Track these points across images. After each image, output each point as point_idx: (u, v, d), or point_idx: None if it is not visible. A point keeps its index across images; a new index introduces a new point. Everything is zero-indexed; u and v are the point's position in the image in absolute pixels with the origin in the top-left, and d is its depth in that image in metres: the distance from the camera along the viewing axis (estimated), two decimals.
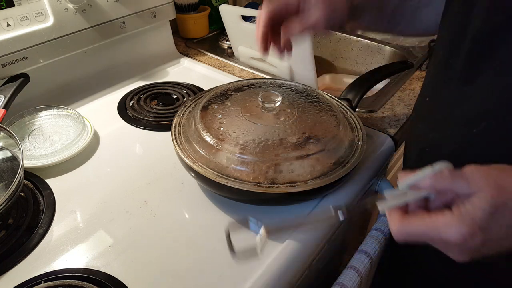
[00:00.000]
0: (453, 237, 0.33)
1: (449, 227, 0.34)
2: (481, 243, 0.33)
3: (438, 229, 0.34)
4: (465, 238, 0.33)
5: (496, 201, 0.33)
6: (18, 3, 0.70)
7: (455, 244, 0.34)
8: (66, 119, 0.73)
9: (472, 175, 0.35)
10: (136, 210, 0.57)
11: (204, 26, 1.12)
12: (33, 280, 0.47)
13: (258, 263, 0.50)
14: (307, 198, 0.58)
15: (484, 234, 0.33)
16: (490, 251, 0.34)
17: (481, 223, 0.33)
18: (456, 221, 0.33)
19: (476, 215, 0.33)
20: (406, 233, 0.36)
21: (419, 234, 0.35)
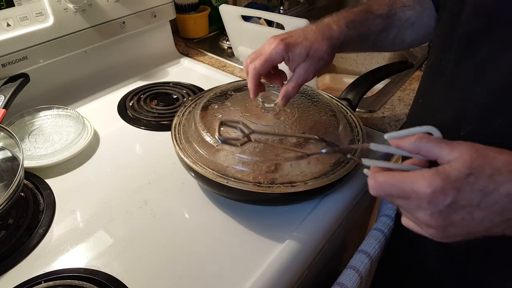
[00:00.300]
0: (424, 188, 0.33)
1: (422, 178, 0.33)
2: (452, 204, 0.33)
3: (411, 179, 0.34)
4: (436, 191, 0.32)
5: (473, 164, 0.32)
6: (18, 3, 0.70)
7: (426, 199, 0.33)
8: (66, 119, 0.73)
9: (458, 144, 0.34)
10: (136, 210, 0.57)
11: (204, 26, 1.12)
12: (33, 280, 0.47)
13: (258, 263, 0.50)
14: (307, 198, 0.58)
15: (456, 193, 0.32)
16: (461, 223, 0.34)
17: (455, 181, 0.32)
18: (430, 174, 0.33)
19: (452, 173, 0.33)
20: (380, 183, 0.35)
21: (393, 184, 0.35)
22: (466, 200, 0.33)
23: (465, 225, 0.34)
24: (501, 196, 0.32)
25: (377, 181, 0.36)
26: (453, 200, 0.32)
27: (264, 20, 1.03)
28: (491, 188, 0.32)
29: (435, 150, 0.35)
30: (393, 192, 0.35)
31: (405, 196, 0.34)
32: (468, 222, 0.33)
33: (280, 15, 0.85)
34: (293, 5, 1.32)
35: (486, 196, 0.32)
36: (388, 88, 0.89)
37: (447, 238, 0.35)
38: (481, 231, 0.34)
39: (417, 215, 0.35)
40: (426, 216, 0.34)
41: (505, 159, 0.33)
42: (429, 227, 0.35)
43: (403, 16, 0.60)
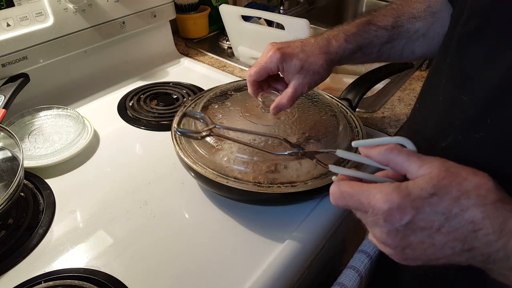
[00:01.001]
0: (380, 203, 0.30)
1: (379, 192, 0.31)
2: (409, 224, 0.30)
3: (369, 192, 0.31)
4: (392, 209, 0.30)
5: (440, 183, 0.30)
6: (18, 3, 0.70)
7: (382, 215, 0.30)
8: (66, 119, 0.73)
9: (430, 159, 0.32)
10: (136, 210, 0.57)
11: (204, 26, 1.12)
12: (33, 280, 0.47)
13: (258, 263, 0.50)
14: (307, 198, 0.58)
15: (414, 213, 0.30)
16: (419, 246, 0.31)
17: (415, 200, 0.30)
18: (389, 189, 0.31)
19: (413, 191, 0.30)
20: (339, 193, 0.33)
21: (352, 194, 0.32)
22: (425, 222, 0.30)
23: (424, 249, 0.31)
24: (464, 222, 0.29)
25: (338, 190, 0.34)
26: (410, 220, 0.30)
27: (264, 20, 1.03)
28: (455, 212, 0.29)
29: (404, 163, 0.33)
30: (351, 203, 0.33)
31: (363, 210, 0.32)
32: (427, 246, 0.31)
33: (280, 15, 0.85)
34: (293, 5, 1.32)
35: (449, 220, 0.29)
36: (388, 88, 0.89)
37: (407, 261, 0.33)
38: (442, 258, 0.32)
39: (374, 231, 0.33)
40: (383, 234, 0.32)
41: (477, 181, 0.30)
42: (386, 246, 0.32)
43: (412, 27, 0.57)
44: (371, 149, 0.34)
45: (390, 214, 0.30)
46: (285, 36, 0.83)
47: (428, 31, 0.58)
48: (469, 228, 0.29)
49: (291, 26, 0.82)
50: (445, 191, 0.30)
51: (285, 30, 0.83)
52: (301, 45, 0.54)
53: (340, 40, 0.55)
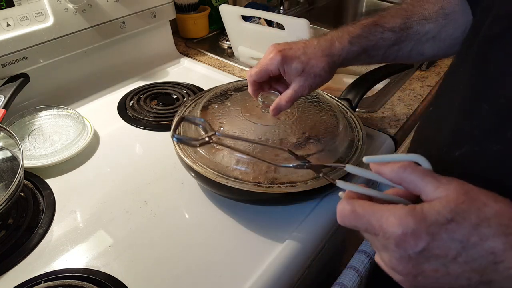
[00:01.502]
0: (393, 227, 0.28)
1: (393, 216, 0.28)
2: (424, 251, 0.28)
3: (381, 214, 0.29)
4: (406, 234, 0.28)
5: (458, 208, 0.28)
6: (18, 3, 0.70)
7: (394, 240, 0.28)
8: (66, 119, 0.73)
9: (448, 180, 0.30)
10: (136, 210, 0.57)
11: (204, 26, 1.12)
12: (33, 280, 0.47)
13: (258, 263, 0.50)
14: (307, 198, 0.58)
15: (430, 240, 0.27)
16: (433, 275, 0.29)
17: (431, 225, 0.27)
18: (404, 212, 0.28)
19: (429, 215, 0.28)
20: (347, 212, 0.31)
21: (361, 215, 0.30)
22: (441, 250, 0.28)
23: (438, 278, 0.29)
24: (484, 252, 0.27)
25: (345, 208, 0.32)
26: (425, 247, 0.28)
27: (264, 20, 1.03)
28: (474, 241, 0.27)
29: (419, 183, 0.30)
30: (360, 225, 0.31)
31: (373, 232, 0.30)
32: (441, 275, 0.29)
33: (280, 15, 0.85)
34: (293, 5, 1.32)
35: (467, 249, 0.27)
36: (388, 88, 0.89)
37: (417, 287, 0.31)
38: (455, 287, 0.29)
39: (383, 256, 0.31)
40: (393, 259, 0.29)
41: (498, 209, 0.28)
42: (396, 272, 0.30)
43: (422, 29, 0.55)
44: (383, 166, 0.32)
45: (403, 239, 0.28)
46: (285, 36, 0.83)
47: (439, 33, 0.55)
48: (489, 259, 0.27)
49: (291, 26, 0.82)
50: (463, 216, 0.28)
51: (285, 30, 0.83)
52: (303, 47, 0.53)
53: (344, 42, 0.54)
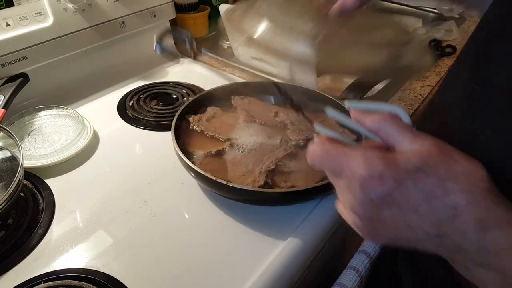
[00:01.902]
0: (360, 169, 0.28)
1: (363, 157, 0.28)
2: (387, 197, 0.28)
3: (351, 155, 0.29)
4: (373, 176, 0.27)
5: (429, 160, 0.27)
6: (17, 3, 0.70)
7: (359, 181, 0.28)
8: (66, 119, 0.73)
9: (424, 136, 0.29)
10: (136, 210, 0.57)
11: (204, 26, 1.12)
12: (32, 280, 0.47)
13: (258, 263, 0.50)
14: (307, 198, 0.57)
15: (395, 186, 0.27)
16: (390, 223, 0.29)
17: (399, 172, 0.27)
18: (374, 155, 0.28)
19: (400, 162, 0.28)
20: (319, 150, 0.31)
21: (331, 155, 0.30)
22: (404, 197, 0.27)
23: (395, 227, 0.29)
24: (445, 206, 0.27)
25: (317, 148, 0.32)
26: (389, 192, 0.27)
27: None
28: (438, 193, 0.27)
29: (396, 135, 0.30)
30: (329, 164, 0.31)
31: (339, 173, 0.30)
32: (399, 225, 0.29)
33: None
34: None
35: (429, 200, 0.27)
36: (388, 88, 0.89)
37: (371, 235, 0.31)
38: (411, 240, 0.29)
39: (344, 197, 0.30)
40: (355, 201, 0.29)
41: (469, 167, 0.28)
42: (355, 214, 0.30)
43: None
44: (363, 115, 0.32)
45: (369, 181, 0.28)
46: None
47: None
48: (448, 213, 0.27)
49: None
50: (432, 169, 0.27)
51: None
52: None
53: None
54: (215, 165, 0.57)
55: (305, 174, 0.56)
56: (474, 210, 0.27)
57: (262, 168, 0.55)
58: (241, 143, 0.60)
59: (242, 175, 0.55)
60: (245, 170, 0.56)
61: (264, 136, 0.62)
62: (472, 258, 0.28)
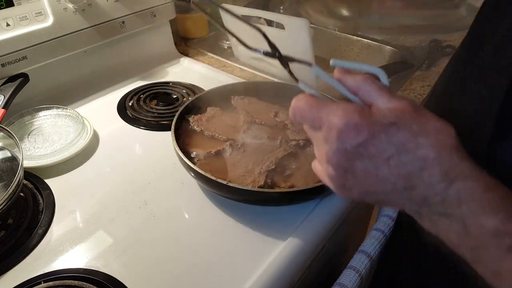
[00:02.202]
0: (338, 119, 0.30)
1: (341, 109, 0.30)
2: (360, 147, 0.30)
3: (331, 108, 0.31)
4: (349, 126, 0.29)
5: (402, 116, 0.29)
6: (17, 3, 0.70)
7: (336, 131, 0.30)
8: (66, 119, 0.73)
9: (400, 97, 0.31)
10: (136, 210, 0.57)
11: (204, 26, 1.12)
12: (32, 280, 0.47)
13: (258, 263, 0.50)
14: (307, 198, 0.57)
15: (369, 137, 0.29)
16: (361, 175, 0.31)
17: (373, 124, 0.29)
18: (352, 108, 0.30)
19: (375, 116, 0.30)
20: (302, 103, 0.33)
21: (311, 107, 0.32)
22: (376, 149, 0.29)
23: (366, 179, 0.31)
24: (415, 159, 0.29)
25: (301, 101, 0.33)
26: (363, 142, 0.29)
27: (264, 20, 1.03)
28: (409, 147, 0.29)
29: (374, 94, 0.32)
30: (309, 116, 0.33)
31: (318, 125, 0.32)
32: (369, 176, 0.30)
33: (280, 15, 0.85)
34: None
35: (400, 153, 0.29)
36: None
37: (344, 188, 0.33)
38: (380, 193, 0.31)
39: (322, 149, 0.32)
40: (330, 151, 0.31)
41: (440, 125, 0.30)
42: (329, 165, 0.32)
43: None
44: (345, 74, 0.34)
45: (345, 131, 0.30)
46: (285, 36, 0.83)
47: None
48: (417, 165, 0.29)
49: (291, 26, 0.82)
50: (405, 124, 0.29)
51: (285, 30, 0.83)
52: None
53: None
54: (215, 165, 0.57)
55: (305, 174, 0.56)
56: (441, 164, 0.28)
57: (262, 168, 0.55)
58: (241, 143, 0.60)
59: (242, 175, 0.55)
60: (245, 170, 0.56)
61: (264, 136, 0.62)
62: (437, 210, 0.29)
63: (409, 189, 0.30)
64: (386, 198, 0.31)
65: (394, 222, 0.64)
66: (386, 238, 0.61)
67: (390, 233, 0.63)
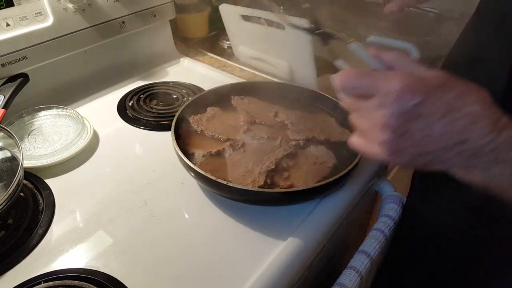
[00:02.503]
0: (394, 84, 0.32)
1: (396, 75, 0.33)
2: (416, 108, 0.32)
3: (386, 74, 0.34)
4: (405, 88, 0.32)
5: (448, 79, 0.33)
6: (17, 3, 0.70)
7: (393, 95, 0.32)
8: (66, 119, 0.73)
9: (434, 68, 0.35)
10: (136, 210, 0.57)
11: (204, 26, 1.12)
12: (32, 280, 0.47)
13: (258, 264, 0.50)
14: (307, 198, 0.57)
15: (424, 97, 0.32)
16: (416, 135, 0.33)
17: (426, 86, 0.32)
18: (406, 74, 0.33)
19: (426, 79, 0.33)
20: (353, 72, 0.35)
21: (366, 75, 0.34)
22: (429, 109, 0.32)
23: (420, 139, 0.33)
24: (464, 115, 0.32)
25: (351, 71, 0.35)
26: (418, 103, 0.32)
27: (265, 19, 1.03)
28: (458, 105, 0.32)
29: (412, 66, 0.36)
30: (361, 85, 0.34)
31: (372, 93, 0.34)
32: (424, 136, 0.33)
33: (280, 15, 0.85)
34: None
35: (451, 111, 0.32)
36: None
37: (396, 154, 0.34)
38: (431, 153, 0.33)
39: (375, 115, 0.34)
40: (387, 114, 0.33)
41: (476, 86, 0.33)
42: (386, 129, 0.33)
43: None
44: (381, 52, 0.37)
45: (402, 94, 0.32)
46: (285, 36, 0.83)
47: None
48: (467, 121, 0.32)
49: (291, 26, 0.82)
50: (451, 86, 0.33)
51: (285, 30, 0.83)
52: None
53: None
54: (215, 165, 0.58)
55: (305, 174, 0.56)
56: (488, 116, 0.32)
57: (262, 168, 0.55)
58: (241, 143, 0.60)
59: (242, 175, 0.55)
60: (245, 170, 0.56)
61: (264, 136, 0.62)
62: (489, 158, 0.33)
63: (460, 144, 0.32)
64: (436, 157, 0.34)
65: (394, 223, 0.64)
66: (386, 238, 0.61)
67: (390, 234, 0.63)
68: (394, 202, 0.65)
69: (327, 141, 0.61)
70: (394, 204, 0.65)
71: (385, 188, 0.70)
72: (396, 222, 0.63)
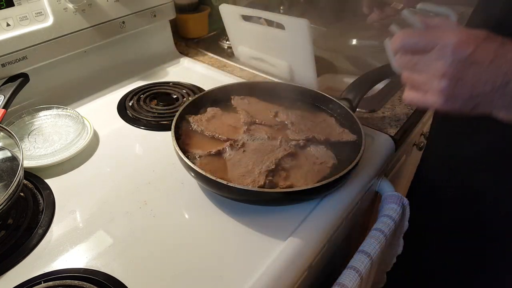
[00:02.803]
0: (451, 37, 0.38)
1: (451, 30, 0.39)
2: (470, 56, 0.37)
3: (443, 30, 0.40)
4: (461, 41, 0.38)
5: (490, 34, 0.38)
6: (17, 3, 0.70)
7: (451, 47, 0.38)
8: (66, 119, 0.73)
9: None
10: (136, 210, 0.57)
11: (204, 26, 1.12)
12: (32, 280, 0.47)
13: (258, 264, 0.50)
14: (307, 198, 0.57)
15: (476, 47, 0.38)
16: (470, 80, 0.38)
17: (476, 37, 0.38)
18: (459, 29, 0.39)
19: (474, 32, 0.39)
20: (412, 32, 0.41)
21: (424, 33, 0.40)
22: (481, 56, 0.38)
23: (473, 83, 0.38)
24: (508, 60, 0.37)
25: (409, 31, 0.41)
26: (473, 51, 0.37)
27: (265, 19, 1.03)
28: (501, 52, 0.38)
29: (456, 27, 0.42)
30: (421, 41, 0.40)
31: (431, 46, 0.40)
32: (476, 80, 0.38)
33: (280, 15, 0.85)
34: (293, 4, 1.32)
35: (497, 57, 0.37)
36: (388, 88, 0.89)
37: (451, 99, 0.39)
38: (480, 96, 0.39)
39: (435, 66, 0.39)
40: (445, 65, 0.38)
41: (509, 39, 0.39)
42: (444, 78, 0.39)
43: None
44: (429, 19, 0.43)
45: (459, 45, 0.38)
46: (285, 36, 0.83)
47: None
48: (509, 65, 0.37)
49: (291, 26, 0.82)
50: (494, 37, 0.39)
51: (285, 30, 0.83)
52: None
53: None
54: (215, 165, 0.58)
55: (305, 174, 0.56)
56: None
57: (262, 168, 0.55)
58: (241, 143, 0.61)
59: (242, 175, 0.55)
60: (245, 170, 0.56)
61: (264, 136, 0.62)
62: None
63: (505, 85, 0.38)
64: (483, 100, 0.39)
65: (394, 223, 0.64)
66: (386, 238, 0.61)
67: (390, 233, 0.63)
68: (394, 202, 0.65)
69: (327, 141, 0.61)
70: (394, 204, 0.65)
71: (385, 188, 0.70)
72: (396, 222, 0.63)
